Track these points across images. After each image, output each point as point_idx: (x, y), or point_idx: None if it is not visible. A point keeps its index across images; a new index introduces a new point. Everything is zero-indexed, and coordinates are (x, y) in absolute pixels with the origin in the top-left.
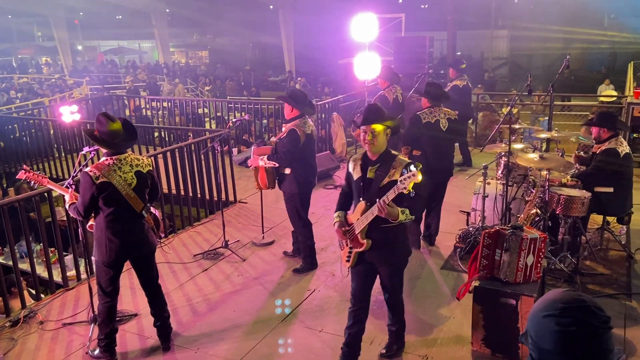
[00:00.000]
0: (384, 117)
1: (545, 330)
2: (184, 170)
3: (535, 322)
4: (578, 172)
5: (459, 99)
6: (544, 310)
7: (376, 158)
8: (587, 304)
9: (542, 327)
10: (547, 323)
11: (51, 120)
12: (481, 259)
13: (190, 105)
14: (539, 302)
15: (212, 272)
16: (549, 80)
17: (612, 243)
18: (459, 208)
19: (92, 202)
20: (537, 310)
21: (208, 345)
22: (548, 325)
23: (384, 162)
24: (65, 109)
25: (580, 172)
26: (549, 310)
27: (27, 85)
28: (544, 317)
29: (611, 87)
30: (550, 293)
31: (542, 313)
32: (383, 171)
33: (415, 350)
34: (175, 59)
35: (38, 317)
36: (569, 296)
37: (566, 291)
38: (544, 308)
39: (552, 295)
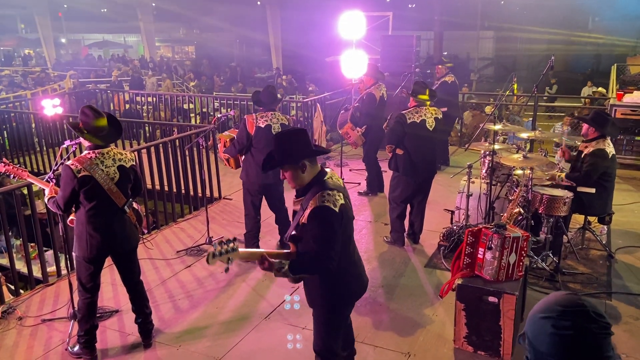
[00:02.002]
0: (292, 154)
1: (542, 332)
2: (168, 166)
3: (533, 323)
4: (571, 174)
5: (447, 95)
6: (542, 312)
7: (301, 191)
8: (586, 308)
9: (538, 328)
10: (544, 325)
11: (33, 113)
12: (464, 257)
13: (175, 100)
14: (539, 303)
15: (195, 268)
16: (533, 82)
17: (593, 243)
18: (443, 206)
19: (72, 196)
20: (536, 312)
21: (190, 342)
22: (544, 327)
23: (306, 198)
24: (48, 102)
25: (573, 175)
26: (547, 312)
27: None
28: (542, 318)
29: (594, 89)
30: (552, 295)
31: (540, 314)
32: (304, 206)
33: (398, 347)
34: (161, 53)
35: (17, 312)
36: (569, 299)
37: (568, 294)
38: (542, 309)
39: (552, 298)
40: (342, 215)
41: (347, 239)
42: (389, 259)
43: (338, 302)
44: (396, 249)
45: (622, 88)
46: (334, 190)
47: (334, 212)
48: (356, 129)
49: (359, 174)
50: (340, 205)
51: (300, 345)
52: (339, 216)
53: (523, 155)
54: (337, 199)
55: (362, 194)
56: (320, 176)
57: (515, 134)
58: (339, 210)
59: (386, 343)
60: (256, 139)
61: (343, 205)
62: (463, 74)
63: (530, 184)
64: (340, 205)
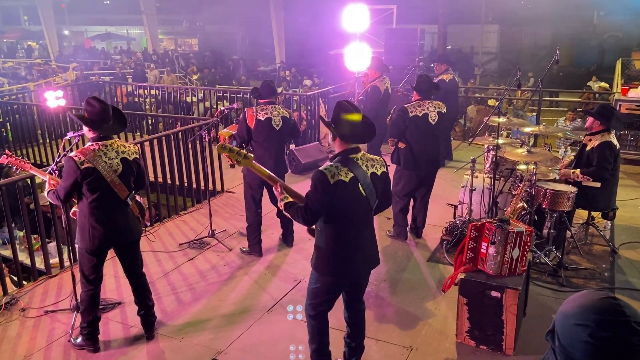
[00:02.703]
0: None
1: (577, 339)
2: (171, 159)
3: (566, 328)
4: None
5: (445, 93)
6: (576, 317)
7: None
8: (627, 318)
9: (573, 335)
10: (579, 332)
11: (35, 105)
12: (467, 251)
13: (179, 93)
14: (572, 304)
15: (197, 261)
16: (537, 76)
17: (596, 238)
18: (446, 201)
19: (73, 187)
20: (570, 316)
21: (192, 334)
22: (581, 334)
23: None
24: (51, 94)
25: (590, 170)
26: (583, 319)
27: (11, 69)
28: (577, 325)
29: (599, 83)
30: (586, 297)
31: (575, 320)
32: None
33: (400, 341)
34: (164, 46)
35: (20, 304)
36: (608, 305)
37: (605, 298)
38: (576, 314)
39: (588, 302)
40: (336, 188)
41: (341, 217)
42: (392, 253)
43: (322, 272)
44: (399, 243)
45: (627, 83)
46: (346, 167)
47: (326, 180)
48: None
49: None
50: (339, 180)
51: (302, 338)
52: (330, 186)
53: (527, 150)
54: (340, 173)
55: None
56: (346, 153)
57: (519, 128)
58: (334, 182)
59: (388, 337)
60: (256, 132)
61: (342, 182)
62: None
63: (534, 178)
64: (339, 179)
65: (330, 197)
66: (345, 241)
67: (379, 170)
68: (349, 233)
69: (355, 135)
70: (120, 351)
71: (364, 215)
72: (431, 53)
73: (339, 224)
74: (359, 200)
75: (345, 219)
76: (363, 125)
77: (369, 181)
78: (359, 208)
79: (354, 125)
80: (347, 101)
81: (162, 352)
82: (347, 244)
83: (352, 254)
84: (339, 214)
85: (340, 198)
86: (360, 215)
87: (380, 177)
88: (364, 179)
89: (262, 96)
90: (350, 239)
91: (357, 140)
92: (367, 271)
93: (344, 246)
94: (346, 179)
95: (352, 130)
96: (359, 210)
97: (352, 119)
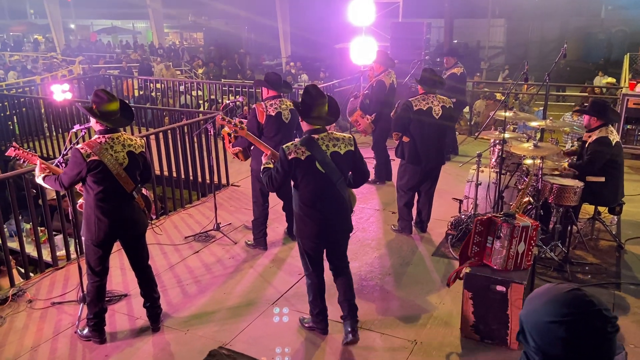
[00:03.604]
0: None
1: (553, 336)
2: (176, 152)
3: (539, 327)
4: (574, 162)
5: (456, 86)
6: (549, 315)
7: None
8: (596, 307)
9: (548, 333)
10: (554, 329)
11: (42, 98)
12: (472, 245)
13: (184, 87)
14: (539, 301)
15: (203, 254)
16: (544, 70)
17: (602, 233)
18: (451, 195)
19: (77, 178)
20: (540, 313)
21: (198, 326)
22: (556, 331)
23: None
24: (57, 87)
25: (576, 163)
26: (555, 315)
27: (19, 63)
28: (551, 322)
29: (606, 78)
30: (551, 291)
31: (548, 318)
32: None
33: (405, 335)
34: (170, 40)
35: (27, 295)
36: (576, 298)
37: (570, 291)
38: (548, 312)
39: (553, 297)
40: (291, 164)
41: (303, 189)
42: (396, 247)
43: (300, 234)
44: (403, 237)
45: (635, 77)
46: (304, 146)
47: (284, 157)
48: (365, 117)
49: (368, 162)
50: (294, 158)
51: (307, 331)
52: (287, 162)
53: (534, 144)
54: (297, 152)
55: (370, 182)
56: (309, 132)
57: (525, 123)
58: (290, 159)
59: (393, 330)
60: (267, 127)
61: (297, 159)
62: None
63: (541, 173)
64: (294, 157)
65: (287, 172)
66: (310, 210)
67: (342, 150)
68: (313, 204)
69: (319, 117)
70: (126, 342)
71: (327, 189)
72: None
73: (303, 195)
74: (317, 176)
75: (307, 192)
76: (327, 108)
77: (328, 160)
78: (318, 183)
79: (318, 108)
80: (313, 86)
81: (168, 343)
82: (312, 213)
83: (317, 221)
84: (301, 186)
85: (298, 173)
86: (322, 189)
87: (345, 155)
88: (322, 158)
89: (272, 83)
90: (317, 209)
91: (320, 121)
92: (337, 236)
93: (309, 214)
94: (302, 157)
95: (316, 113)
96: (319, 184)
97: (315, 102)
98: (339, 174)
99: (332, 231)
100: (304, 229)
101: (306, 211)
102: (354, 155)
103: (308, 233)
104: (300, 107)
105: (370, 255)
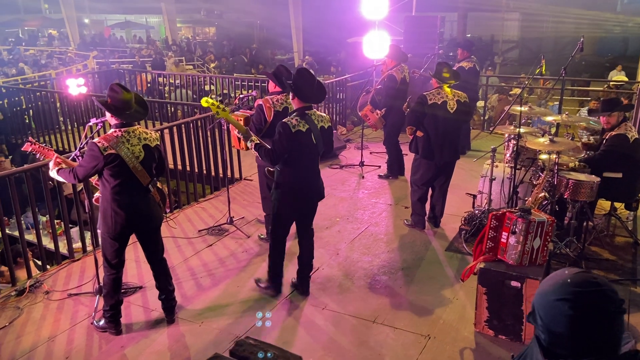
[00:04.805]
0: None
1: (558, 314)
2: (190, 146)
3: (546, 305)
4: (587, 156)
5: (464, 81)
6: (556, 294)
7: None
8: (601, 288)
9: (554, 310)
10: (560, 307)
11: (57, 92)
12: (487, 241)
13: (197, 81)
14: (548, 283)
15: (216, 247)
16: (560, 65)
17: (618, 229)
18: (465, 190)
19: (93, 171)
20: (548, 293)
21: (212, 319)
22: (561, 309)
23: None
24: (72, 81)
25: (588, 156)
26: (561, 293)
27: (32, 57)
28: (557, 300)
29: (622, 74)
30: (559, 274)
31: (554, 296)
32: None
33: (418, 329)
34: (182, 34)
35: (44, 287)
36: (582, 279)
37: (578, 273)
38: (555, 291)
39: (562, 277)
40: (294, 136)
41: (298, 158)
42: (409, 242)
43: (283, 196)
44: (417, 232)
45: None
46: (303, 120)
47: (289, 130)
48: (375, 111)
49: (380, 156)
50: (297, 130)
51: (320, 325)
52: (291, 134)
53: (550, 139)
54: (299, 125)
55: (382, 177)
56: (302, 109)
57: (540, 117)
58: (294, 131)
59: (406, 325)
60: (275, 123)
61: (300, 131)
62: (487, 56)
63: (557, 168)
64: (297, 130)
65: (291, 143)
66: (299, 177)
67: (326, 125)
68: (302, 171)
69: (310, 96)
70: (142, 334)
71: (313, 159)
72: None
73: (295, 163)
74: (311, 146)
75: (300, 160)
76: (317, 89)
77: (318, 132)
78: (310, 152)
79: (310, 89)
80: (305, 69)
81: (183, 335)
82: (300, 180)
83: (304, 188)
84: (295, 156)
85: (299, 143)
86: (311, 158)
87: (327, 130)
88: (315, 130)
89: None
90: (303, 176)
91: (311, 100)
92: (315, 202)
93: (297, 180)
94: (303, 129)
95: (308, 92)
96: (310, 154)
97: (308, 83)
98: (322, 145)
99: (313, 194)
100: (293, 196)
101: (296, 178)
102: (331, 130)
103: (296, 196)
104: (293, 87)
105: (383, 250)
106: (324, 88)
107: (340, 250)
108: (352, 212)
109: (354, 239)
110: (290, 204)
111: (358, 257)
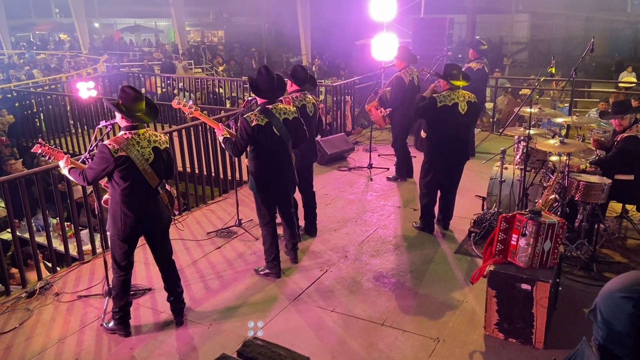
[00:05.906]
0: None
1: (621, 311)
2: (198, 149)
3: (610, 302)
4: (597, 158)
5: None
6: (622, 291)
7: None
8: None
9: (617, 307)
10: (623, 304)
11: (68, 95)
12: (497, 243)
13: (206, 84)
14: (616, 281)
15: (225, 250)
16: (569, 66)
17: (630, 231)
18: (474, 193)
19: (103, 174)
20: (614, 290)
21: (220, 321)
22: (624, 306)
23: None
24: (82, 85)
25: (599, 158)
26: (628, 292)
27: (44, 61)
28: (622, 297)
29: (633, 75)
30: (631, 274)
31: (620, 294)
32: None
33: (427, 332)
34: (192, 38)
35: (54, 289)
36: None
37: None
38: (622, 289)
39: (632, 277)
40: (254, 130)
41: (263, 150)
42: (418, 245)
43: (257, 186)
44: (425, 234)
45: None
46: (262, 115)
47: (247, 125)
48: (380, 109)
49: (388, 159)
50: (256, 124)
51: (329, 327)
52: (250, 128)
53: (560, 141)
54: (258, 120)
55: (390, 179)
56: (264, 104)
57: (550, 119)
58: (252, 126)
59: (414, 327)
60: None
61: (259, 126)
62: (496, 58)
63: (567, 170)
64: (256, 124)
65: (250, 136)
66: (267, 167)
67: (290, 116)
68: (269, 162)
69: (270, 93)
70: (151, 336)
71: (280, 149)
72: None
73: (262, 155)
74: (274, 138)
75: (265, 152)
76: (277, 85)
77: (281, 125)
78: (274, 144)
79: (269, 86)
80: (265, 66)
81: (192, 337)
82: (268, 170)
83: (273, 177)
84: (260, 148)
85: (260, 137)
86: (277, 149)
87: (292, 121)
88: (277, 124)
89: (297, 81)
90: (271, 165)
91: (271, 96)
92: (288, 189)
93: (266, 171)
94: (262, 123)
95: (267, 90)
96: (275, 145)
97: (268, 81)
98: (288, 135)
99: (284, 183)
100: (264, 184)
101: (264, 169)
102: (298, 120)
103: (268, 186)
104: (254, 84)
105: (392, 252)
106: (284, 83)
107: (349, 253)
108: (361, 214)
109: (363, 241)
110: (264, 191)
111: (367, 260)
